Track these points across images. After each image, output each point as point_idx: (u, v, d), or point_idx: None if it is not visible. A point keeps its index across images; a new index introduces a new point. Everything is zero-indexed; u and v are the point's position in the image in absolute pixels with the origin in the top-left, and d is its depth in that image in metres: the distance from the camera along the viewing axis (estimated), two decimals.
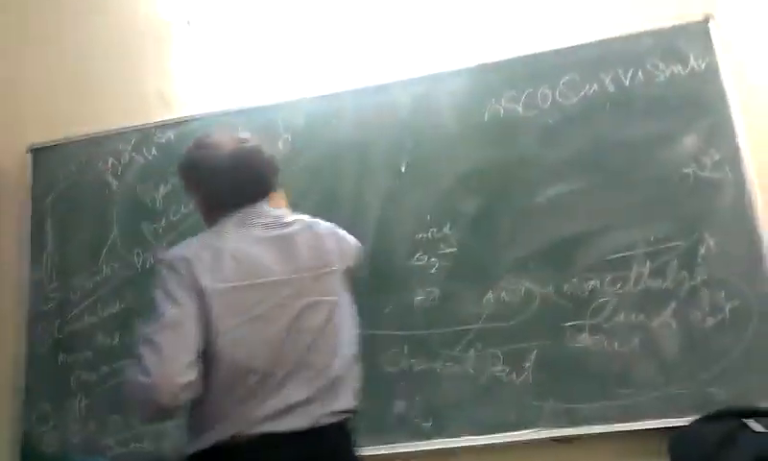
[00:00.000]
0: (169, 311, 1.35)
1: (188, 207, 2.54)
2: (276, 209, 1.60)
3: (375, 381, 2.16)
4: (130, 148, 2.65)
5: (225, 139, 1.57)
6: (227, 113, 2.57)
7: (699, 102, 2.14)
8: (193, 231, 2.45)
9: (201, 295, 1.38)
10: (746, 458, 1.52)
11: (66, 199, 2.67)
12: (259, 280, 1.45)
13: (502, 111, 2.28)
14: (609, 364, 2.03)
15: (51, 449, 2.45)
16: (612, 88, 2.21)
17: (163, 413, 1.32)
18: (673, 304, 2.02)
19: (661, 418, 1.94)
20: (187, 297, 1.37)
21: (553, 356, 2.08)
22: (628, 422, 1.98)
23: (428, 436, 2.13)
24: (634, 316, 2.05)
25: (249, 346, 1.40)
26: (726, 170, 2.07)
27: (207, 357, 1.37)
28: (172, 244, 2.49)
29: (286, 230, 1.53)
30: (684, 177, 2.10)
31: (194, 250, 1.45)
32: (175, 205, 2.55)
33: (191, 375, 1.31)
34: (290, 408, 1.39)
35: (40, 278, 2.62)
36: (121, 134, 2.67)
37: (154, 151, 2.63)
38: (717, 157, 2.08)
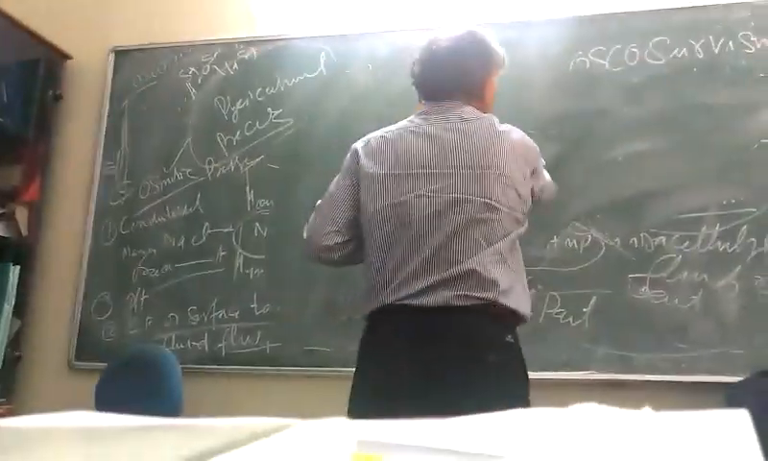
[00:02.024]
0: (332, 187, 1.66)
1: (263, 124, 2.61)
2: (469, 110, 1.60)
3: None
4: (212, 60, 2.71)
5: (447, 34, 1.65)
6: (311, 37, 2.63)
7: None
8: (266, 147, 2.57)
9: (357, 177, 1.60)
10: None
11: (144, 102, 2.75)
12: (410, 171, 1.55)
13: (588, 64, 2.32)
14: (667, 318, 2.08)
15: (108, 339, 2.54)
16: (701, 54, 2.24)
17: (318, 261, 1.70)
18: (738, 268, 2.07)
19: (716, 374, 1.99)
20: (348, 178, 1.62)
21: (612, 305, 2.13)
22: (681, 374, 2.03)
23: None
24: (697, 275, 2.09)
25: (388, 230, 1.53)
26: None
27: (363, 233, 1.60)
28: (243, 157, 2.59)
29: (459, 125, 1.57)
30: (763, 146, 2.13)
31: (370, 138, 1.64)
32: (250, 120, 2.62)
33: (331, 240, 1.61)
34: (420, 291, 1.48)
35: (112, 174, 2.70)
36: (204, 46, 2.73)
37: (235, 66, 2.69)
38: None
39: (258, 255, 2.46)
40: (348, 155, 1.66)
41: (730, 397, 1.84)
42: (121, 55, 2.81)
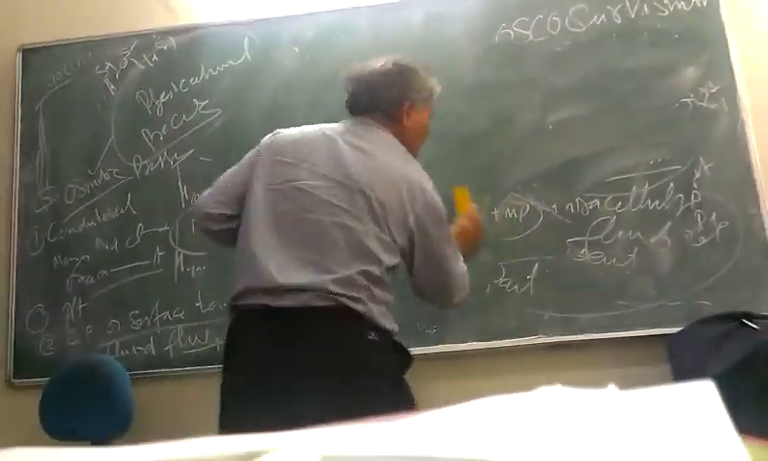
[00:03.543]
0: (233, 167, 1.70)
1: (189, 116, 2.53)
2: (376, 131, 1.63)
3: None
4: (129, 53, 2.60)
5: (380, 61, 1.70)
6: (232, 23, 2.56)
7: (699, 37, 2.27)
8: (195, 139, 2.50)
9: (255, 161, 1.63)
10: (745, 350, 1.67)
11: (60, 101, 2.61)
12: (297, 163, 1.57)
13: (512, 35, 2.35)
14: (607, 278, 2.17)
15: (48, 352, 2.44)
16: (618, 20, 2.31)
17: (201, 230, 1.77)
18: (669, 224, 2.17)
19: (656, 327, 2.09)
20: (249, 162, 1.66)
21: (554, 270, 2.20)
22: (624, 330, 2.12)
23: (432, 342, 2.22)
24: (631, 234, 2.18)
25: (261, 212, 1.55)
26: (722, 101, 2.22)
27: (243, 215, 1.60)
28: (172, 152, 2.51)
29: (364, 144, 1.59)
30: (683, 106, 2.23)
31: (283, 130, 1.68)
32: (176, 113, 2.54)
33: (215, 208, 1.65)
34: (282, 288, 1.46)
35: (33, 180, 2.56)
36: (119, 39, 2.61)
37: (155, 57, 2.59)
38: (714, 88, 2.22)
39: (199, 252, 2.41)
40: (261, 143, 1.67)
41: (670, 347, 1.94)
42: (30, 53, 2.65)
